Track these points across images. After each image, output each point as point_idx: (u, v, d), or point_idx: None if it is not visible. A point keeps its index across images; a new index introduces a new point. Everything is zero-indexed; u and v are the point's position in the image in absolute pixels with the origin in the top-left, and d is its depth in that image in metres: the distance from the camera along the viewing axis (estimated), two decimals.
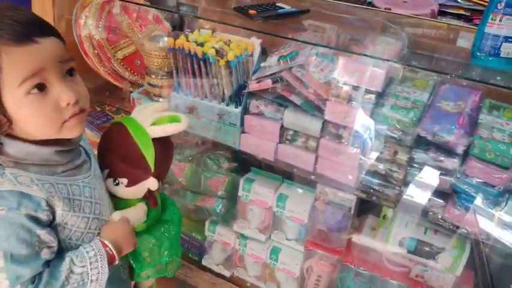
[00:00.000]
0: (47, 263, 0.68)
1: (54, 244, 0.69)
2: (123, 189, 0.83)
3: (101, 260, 0.72)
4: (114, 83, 1.43)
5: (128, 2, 1.33)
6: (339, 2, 1.31)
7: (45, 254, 0.68)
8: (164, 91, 1.31)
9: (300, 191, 1.31)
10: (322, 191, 1.22)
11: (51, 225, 0.69)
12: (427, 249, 1.13)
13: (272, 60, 1.17)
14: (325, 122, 1.12)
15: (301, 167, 1.20)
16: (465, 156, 1.02)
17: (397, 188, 1.11)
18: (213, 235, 1.45)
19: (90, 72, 1.49)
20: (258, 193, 1.31)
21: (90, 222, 0.74)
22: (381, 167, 1.11)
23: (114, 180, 0.83)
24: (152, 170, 0.82)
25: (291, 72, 1.12)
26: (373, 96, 1.07)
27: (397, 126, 1.05)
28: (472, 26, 1.21)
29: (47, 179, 0.69)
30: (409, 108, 1.05)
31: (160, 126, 0.83)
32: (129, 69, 1.40)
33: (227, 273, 1.48)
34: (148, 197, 0.87)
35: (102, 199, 0.79)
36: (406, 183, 1.10)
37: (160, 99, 1.33)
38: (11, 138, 0.68)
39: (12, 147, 0.68)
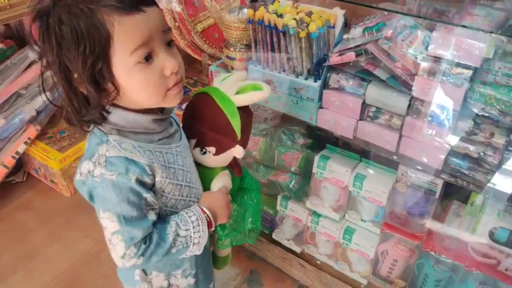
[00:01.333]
0: (154, 224, 0.72)
1: (157, 206, 0.73)
2: (210, 158, 0.85)
3: (202, 225, 0.76)
4: (193, 55, 1.44)
5: None
6: None
7: (152, 216, 0.71)
8: (241, 64, 1.30)
9: (379, 171, 1.25)
10: (404, 172, 1.15)
11: (152, 189, 0.72)
12: None
13: (356, 31, 1.10)
14: (412, 99, 1.04)
15: (383, 146, 1.13)
16: None
17: (490, 173, 1.01)
18: (285, 210, 1.44)
19: None
20: (333, 171, 1.27)
21: (182, 189, 0.77)
22: (473, 149, 1.01)
23: (201, 149, 0.84)
24: (238, 138, 0.83)
25: (377, 44, 1.04)
26: (469, 72, 0.96)
27: (496, 105, 0.94)
28: None
29: (146, 147, 0.72)
30: (511, 86, 0.94)
31: (244, 94, 0.83)
32: (207, 41, 1.40)
33: (297, 249, 1.47)
34: (234, 165, 0.89)
35: (191, 167, 0.81)
36: (501, 169, 1.00)
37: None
38: (113, 106, 0.70)
39: (115, 115, 0.70)
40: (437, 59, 0.98)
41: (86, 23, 0.61)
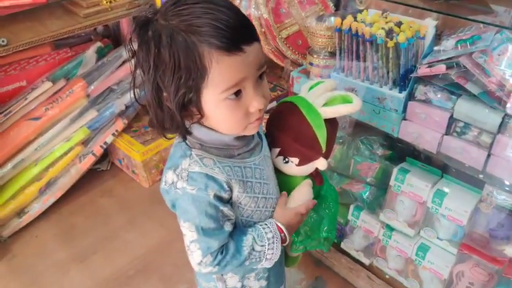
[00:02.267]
0: (230, 235, 0.76)
1: (233, 217, 0.76)
2: (293, 168, 0.85)
3: (276, 242, 0.78)
4: (276, 61, 1.48)
5: None
6: None
7: (228, 227, 0.75)
8: (325, 71, 1.31)
9: (462, 189, 1.20)
10: (490, 193, 1.10)
11: (229, 201, 0.76)
12: None
13: (448, 43, 1.07)
14: (505, 116, 0.99)
15: (468, 164, 1.09)
16: None
17: None
18: (357, 221, 1.43)
19: None
20: (412, 185, 1.24)
21: (258, 201, 0.79)
22: None
23: (284, 159, 0.85)
24: (323, 151, 0.83)
25: (470, 57, 1.01)
26: None
27: None
28: None
29: (226, 162, 0.74)
30: None
31: (332, 107, 0.83)
32: (291, 48, 1.43)
33: (366, 261, 1.45)
34: (315, 175, 0.89)
35: (269, 179, 0.82)
36: None
37: (319, 79, 1.33)
38: (199, 124, 0.73)
39: (200, 131, 0.73)
40: None
41: (186, 54, 0.62)
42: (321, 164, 0.84)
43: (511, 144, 1.00)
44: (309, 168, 0.86)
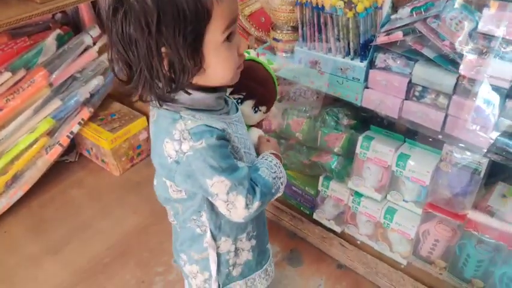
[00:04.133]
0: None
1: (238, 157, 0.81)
2: (260, 115, 0.98)
3: (280, 167, 0.86)
4: None
5: None
6: None
7: (242, 164, 0.78)
8: (289, 46, 1.34)
9: (423, 151, 1.26)
10: (449, 152, 1.16)
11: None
12: None
13: (404, 11, 1.12)
14: (459, 78, 1.05)
15: (428, 126, 1.15)
16: None
17: None
18: (327, 190, 1.48)
19: None
20: (377, 151, 1.30)
21: (245, 156, 0.83)
22: None
23: (255, 108, 0.96)
24: (276, 99, 1.01)
25: (425, 23, 1.06)
26: None
27: None
28: None
29: (215, 117, 0.77)
30: None
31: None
32: (254, 25, 1.45)
33: (338, 229, 1.50)
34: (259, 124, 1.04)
35: (247, 135, 0.87)
36: None
37: (284, 54, 1.36)
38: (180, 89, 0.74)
39: (182, 96, 0.74)
40: (486, 37, 0.99)
41: (191, 2, 0.63)
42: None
43: (465, 104, 1.06)
44: (264, 115, 1.02)
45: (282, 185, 0.84)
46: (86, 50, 1.84)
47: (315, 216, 1.55)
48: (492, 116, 1.03)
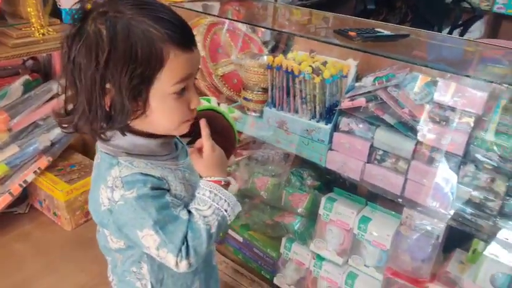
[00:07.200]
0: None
1: (182, 203, 0.74)
2: None
3: (218, 191, 0.76)
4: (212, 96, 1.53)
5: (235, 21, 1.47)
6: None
7: (184, 215, 0.72)
8: (257, 106, 1.39)
9: (384, 214, 1.29)
10: (409, 216, 1.19)
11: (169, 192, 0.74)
12: None
13: (367, 80, 1.21)
14: (418, 144, 1.11)
15: (388, 189, 1.18)
16: None
17: (492, 219, 1.06)
18: (289, 253, 1.45)
19: None
20: (339, 213, 1.31)
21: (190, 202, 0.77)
22: (476, 194, 1.07)
23: None
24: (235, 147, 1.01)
25: (386, 91, 1.14)
26: (471, 120, 1.05)
27: (497, 152, 1.02)
28: None
29: (156, 163, 0.74)
30: (511, 135, 1.02)
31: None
32: (226, 85, 1.50)
33: None
34: None
35: (196, 182, 0.81)
36: (502, 215, 1.05)
37: (253, 113, 1.40)
38: (121, 133, 0.71)
39: (123, 140, 0.72)
40: (441, 106, 1.07)
41: (145, 46, 0.64)
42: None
43: (423, 169, 1.11)
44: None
45: (226, 212, 0.75)
46: (52, 98, 1.82)
47: (275, 281, 1.50)
48: (449, 183, 1.08)
